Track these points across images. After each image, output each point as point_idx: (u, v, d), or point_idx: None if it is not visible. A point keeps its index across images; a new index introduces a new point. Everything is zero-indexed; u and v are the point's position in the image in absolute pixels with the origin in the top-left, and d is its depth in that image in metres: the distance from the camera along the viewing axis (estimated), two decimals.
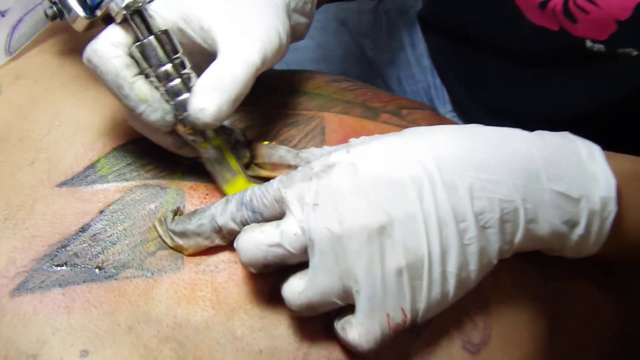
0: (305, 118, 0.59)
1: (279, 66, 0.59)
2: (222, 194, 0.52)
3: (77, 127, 0.55)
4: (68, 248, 0.49)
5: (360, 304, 0.43)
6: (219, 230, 0.48)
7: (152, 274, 0.48)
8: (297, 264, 0.45)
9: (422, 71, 0.95)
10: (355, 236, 0.42)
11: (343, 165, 0.45)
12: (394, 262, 0.43)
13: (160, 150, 0.53)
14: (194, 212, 0.49)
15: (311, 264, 0.43)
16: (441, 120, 0.63)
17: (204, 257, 0.49)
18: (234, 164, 0.52)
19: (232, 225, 0.47)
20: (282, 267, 0.45)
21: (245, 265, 0.46)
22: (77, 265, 0.48)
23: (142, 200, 0.52)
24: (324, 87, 0.63)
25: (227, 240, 0.49)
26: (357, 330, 0.44)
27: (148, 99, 0.48)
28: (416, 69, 0.95)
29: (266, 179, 0.51)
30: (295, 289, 0.44)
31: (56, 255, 0.48)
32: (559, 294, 0.56)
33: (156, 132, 0.51)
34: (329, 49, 0.95)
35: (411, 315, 0.44)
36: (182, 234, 0.49)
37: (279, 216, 0.46)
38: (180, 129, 0.50)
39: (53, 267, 0.48)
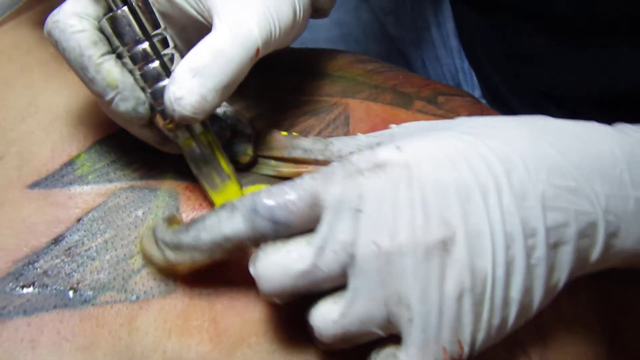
0: (326, 105, 0.50)
1: (292, 45, 0.50)
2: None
3: (56, 114, 0.47)
4: (37, 264, 0.41)
5: (413, 335, 0.36)
6: (221, 245, 0.38)
7: (137, 297, 0.40)
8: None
9: (449, 53, 0.88)
10: (410, 253, 0.36)
11: (396, 167, 0.37)
12: (455, 284, 0.36)
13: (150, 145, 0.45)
14: (192, 222, 0.39)
15: (350, 285, 0.36)
16: (483, 109, 0.54)
17: (200, 278, 0.41)
18: (224, 165, 0.43)
19: (243, 240, 0.38)
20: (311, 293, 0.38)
21: (269, 296, 0.37)
22: (47, 286, 0.40)
23: (128, 206, 0.43)
24: (347, 68, 0.54)
25: (232, 256, 0.40)
26: None
27: (118, 85, 0.39)
28: (442, 50, 0.88)
29: (282, 179, 0.43)
30: (328, 316, 0.37)
31: (22, 273, 0.40)
32: (617, 316, 0.49)
33: (131, 125, 0.42)
34: (348, 27, 0.86)
35: (468, 348, 0.37)
36: (176, 247, 0.39)
37: (309, 226, 0.37)
38: (160, 122, 0.41)
39: (17, 288, 0.40)
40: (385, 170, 0.37)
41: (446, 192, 0.37)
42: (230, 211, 0.38)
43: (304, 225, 0.37)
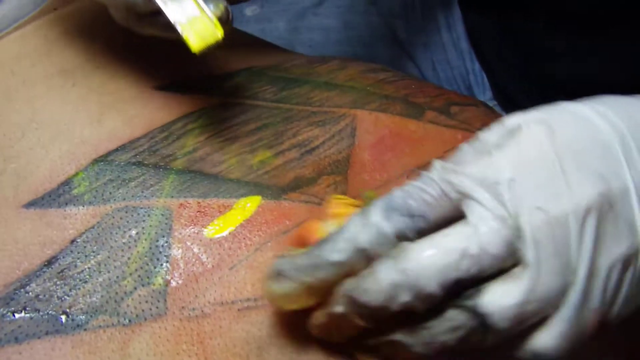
0: (334, 117, 0.49)
1: (301, 49, 0.49)
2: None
3: (57, 130, 0.46)
4: (29, 288, 0.40)
5: (571, 297, 0.33)
6: (363, 253, 0.34)
7: (129, 321, 0.39)
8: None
9: (459, 55, 0.85)
10: (577, 214, 0.33)
11: (533, 125, 0.35)
12: (620, 245, 0.34)
13: (149, 159, 0.45)
14: (325, 240, 0.34)
15: (525, 259, 0.32)
16: (498, 118, 0.51)
17: (189, 297, 0.40)
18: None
19: (385, 240, 0.33)
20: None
21: (425, 296, 0.33)
22: (39, 310, 0.39)
23: (122, 226, 0.42)
24: (358, 78, 0.52)
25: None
26: (555, 330, 0.33)
27: None
28: (452, 53, 0.85)
29: None
30: (503, 300, 0.32)
31: (13, 298, 0.39)
32: None
33: None
34: (357, 30, 0.84)
35: (610, 315, 0.34)
36: (315, 267, 0.34)
37: (450, 218, 0.34)
38: None
39: (8, 314, 0.39)
40: (522, 133, 0.34)
41: (595, 148, 0.34)
42: (365, 217, 0.34)
43: (446, 217, 0.34)
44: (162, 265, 0.40)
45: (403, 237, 0.33)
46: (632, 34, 0.62)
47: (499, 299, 0.32)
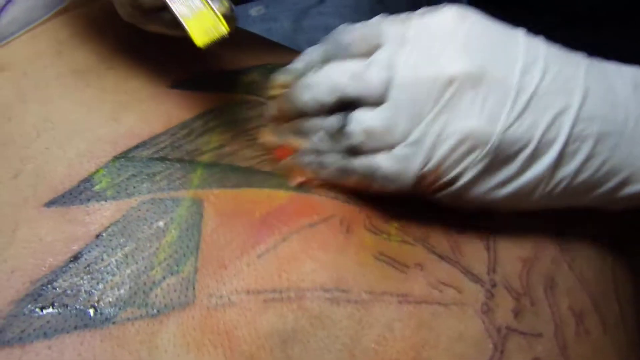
0: None
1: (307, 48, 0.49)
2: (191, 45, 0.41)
3: (72, 130, 0.45)
4: (56, 284, 0.39)
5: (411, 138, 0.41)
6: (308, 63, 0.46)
7: (157, 311, 0.38)
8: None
9: None
10: (438, 81, 0.40)
11: (452, 9, 0.42)
12: (468, 122, 0.40)
13: (173, 154, 0.44)
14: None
15: (388, 98, 0.41)
16: None
17: (217, 284, 0.39)
18: None
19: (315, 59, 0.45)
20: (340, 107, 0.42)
21: (307, 102, 0.43)
22: (67, 305, 0.38)
23: (149, 217, 0.41)
24: None
25: None
26: (392, 155, 0.41)
27: None
28: None
29: None
30: (363, 118, 0.41)
31: (40, 294, 0.39)
32: None
33: None
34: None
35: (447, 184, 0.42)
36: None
37: (365, 53, 0.42)
38: None
39: (36, 310, 0.38)
40: (441, 10, 0.42)
41: (495, 36, 0.41)
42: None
43: (362, 53, 0.42)
44: (191, 252, 0.40)
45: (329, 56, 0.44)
46: (636, 32, 0.62)
47: (360, 115, 0.41)
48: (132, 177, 0.43)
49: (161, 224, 0.41)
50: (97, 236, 0.41)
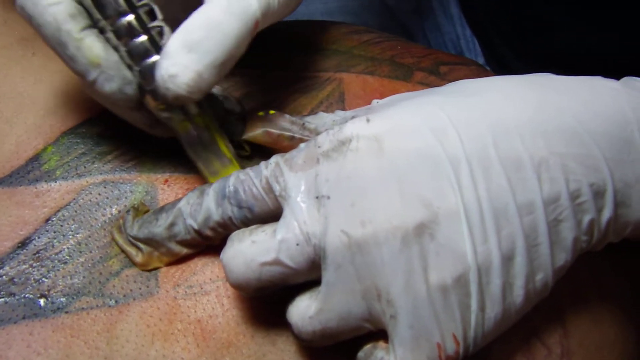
0: (318, 81, 0.46)
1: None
2: None
3: (20, 103, 0.42)
4: (2, 272, 0.36)
5: (400, 333, 0.32)
6: (198, 232, 0.36)
7: (115, 302, 0.36)
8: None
9: (449, 21, 0.84)
10: (386, 241, 0.32)
11: (362, 141, 0.33)
12: (441, 272, 0.32)
13: (125, 131, 0.41)
14: (160, 209, 0.37)
15: (324, 279, 0.33)
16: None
17: (184, 275, 0.37)
18: (224, 148, 0.39)
19: (212, 228, 0.36)
20: (282, 287, 0.35)
21: (235, 288, 0.35)
22: (14, 295, 0.36)
23: (101, 203, 0.39)
24: (341, 40, 0.50)
25: (216, 240, 0.37)
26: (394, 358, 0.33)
27: (101, 63, 0.35)
28: (442, 18, 0.84)
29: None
30: (304, 312, 0.34)
31: None
32: None
33: (118, 107, 0.38)
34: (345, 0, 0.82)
35: (464, 343, 0.33)
36: (150, 241, 0.37)
37: (276, 212, 0.35)
38: (151, 103, 0.37)
39: None
40: (350, 147, 0.33)
41: (423, 167, 0.33)
42: (199, 196, 0.36)
43: (270, 213, 0.35)
44: None
45: (230, 223, 0.35)
46: (632, 2, 0.61)
47: (299, 310, 0.34)
48: (82, 156, 0.40)
49: (114, 211, 0.39)
50: (47, 220, 0.38)
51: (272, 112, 0.41)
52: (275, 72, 0.47)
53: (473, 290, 0.32)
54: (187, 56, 0.34)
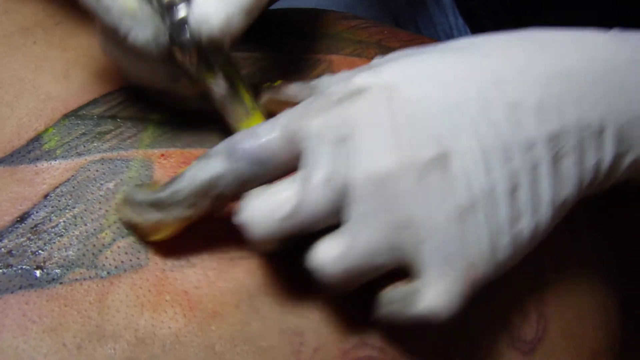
0: (310, 62, 0.48)
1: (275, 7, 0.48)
2: None
3: (20, 88, 0.44)
4: (0, 244, 0.38)
5: (427, 257, 0.33)
6: (202, 194, 0.36)
7: (107, 273, 0.38)
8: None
9: (442, 11, 0.85)
10: (406, 172, 0.33)
11: (374, 88, 0.35)
12: (456, 202, 0.34)
13: (124, 112, 0.43)
14: (171, 179, 0.37)
15: (349, 216, 0.33)
16: None
17: (172, 249, 0.38)
18: (248, 99, 0.40)
19: (224, 186, 0.35)
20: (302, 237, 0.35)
21: (260, 245, 0.35)
22: (12, 266, 0.38)
23: (98, 179, 0.41)
24: (331, 25, 0.52)
25: (216, 209, 0.37)
26: (433, 292, 0.33)
27: (136, 13, 0.37)
28: (434, 9, 0.85)
29: None
30: (330, 253, 0.34)
31: None
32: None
33: (143, 62, 0.40)
34: None
35: (485, 268, 0.34)
36: (155, 205, 0.37)
37: (291, 166, 0.35)
38: (179, 55, 0.38)
39: None
40: (364, 96, 0.34)
41: (433, 110, 0.34)
42: (207, 158, 0.36)
43: (287, 165, 0.35)
44: None
45: (245, 185, 0.35)
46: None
47: (324, 252, 0.34)
48: (82, 136, 0.42)
49: (111, 185, 0.40)
50: (46, 196, 0.40)
51: (278, 82, 0.42)
52: (271, 55, 0.48)
53: (481, 219, 0.34)
54: (217, 2, 0.36)
